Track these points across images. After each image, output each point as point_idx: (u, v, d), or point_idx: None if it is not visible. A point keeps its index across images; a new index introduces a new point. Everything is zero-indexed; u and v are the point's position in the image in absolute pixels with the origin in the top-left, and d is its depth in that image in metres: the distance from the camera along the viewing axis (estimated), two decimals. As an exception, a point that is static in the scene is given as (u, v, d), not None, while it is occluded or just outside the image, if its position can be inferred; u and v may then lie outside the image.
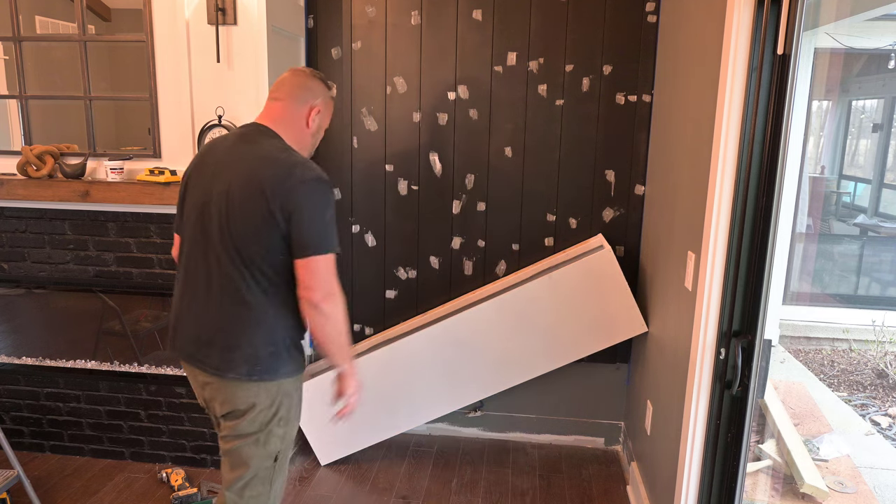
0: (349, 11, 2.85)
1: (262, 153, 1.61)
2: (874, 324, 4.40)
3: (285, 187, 1.54)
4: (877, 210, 5.59)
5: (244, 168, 1.59)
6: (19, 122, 2.71)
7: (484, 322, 2.72)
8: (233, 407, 1.67)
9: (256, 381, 1.65)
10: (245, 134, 1.68)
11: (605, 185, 2.88)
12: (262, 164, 1.58)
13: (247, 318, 1.62)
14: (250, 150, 1.62)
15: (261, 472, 1.71)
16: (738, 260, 1.69)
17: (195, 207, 1.67)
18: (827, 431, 3.28)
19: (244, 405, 1.66)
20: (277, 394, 1.68)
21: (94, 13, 2.66)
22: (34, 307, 2.91)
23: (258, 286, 1.61)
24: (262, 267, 1.60)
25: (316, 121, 1.74)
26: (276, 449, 1.71)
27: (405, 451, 3.06)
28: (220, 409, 1.70)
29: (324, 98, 1.75)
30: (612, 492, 2.76)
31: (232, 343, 1.63)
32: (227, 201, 1.59)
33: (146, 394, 2.81)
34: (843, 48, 4.56)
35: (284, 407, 1.71)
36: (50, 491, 2.67)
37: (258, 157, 1.60)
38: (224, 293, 1.62)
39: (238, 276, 1.60)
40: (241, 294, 1.61)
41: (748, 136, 1.63)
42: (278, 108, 1.70)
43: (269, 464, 1.72)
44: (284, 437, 1.73)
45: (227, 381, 1.65)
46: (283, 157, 1.60)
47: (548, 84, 2.81)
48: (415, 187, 2.96)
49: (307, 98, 1.71)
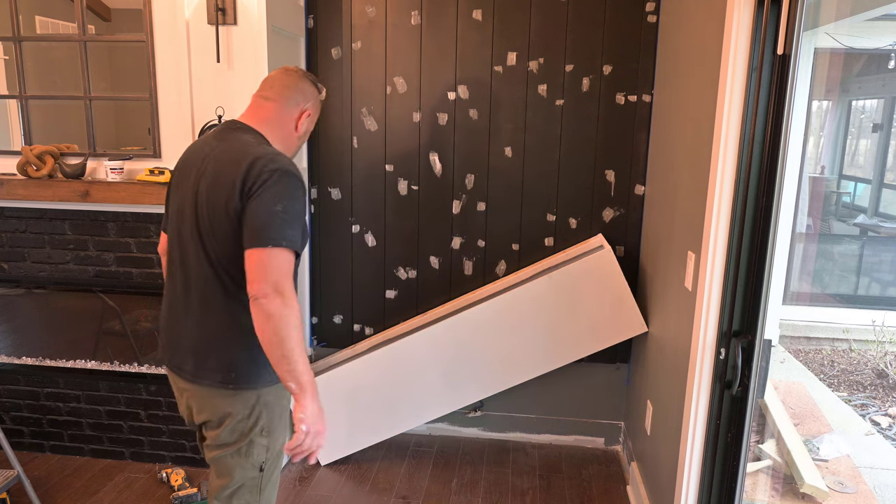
0: (349, 11, 2.85)
1: (232, 151, 1.54)
2: (874, 324, 4.40)
3: (248, 180, 1.47)
4: (877, 210, 5.59)
5: (214, 167, 1.53)
6: (19, 122, 2.71)
7: (484, 322, 2.72)
8: (209, 416, 1.62)
9: (232, 390, 1.58)
10: (220, 132, 1.62)
11: (605, 185, 2.88)
12: (230, 161, 1.51)
13: (222, 324, 1.56)
14: (222, 148, 1.56)
15: (247, 482, 1.64)
16: (738, 260, 1.69)
17: (175, 211, 1.63)
18: (827, 431, 3.28)
19: (220, 414, 1.60)
20: (256, 404, 1.60)
21: (94, 13, 2.66)
22: (34, 307, 2.91)
23: (232, 290, 1.54)
24: (232, 269, 1.53)
25: (305, 124, 1.69)
26: (260, 459, 1.64)
27: (405, 451, 3.06)
28: (197, 417, 1.65)
29: (314, 101, 1.71)
30: (612, 492, 2.76)
31: (206, 349, 1.58)
32: (196, 203, 1.54)
33: (146, 394, 2.81)
34: (843, 48, 4.56)
35: (265, 418, 1.62)
36: (50, 491, 2.67)
37: (228, 155, 1.53)
38: (200, 297, 1.57)
39: (212, 280, 1.54)
40: (216, 298, 1.55)
41: (748, 136, 1.63)
42: (268, 109, 1.65)
43: (255, 474, 1.64)
44: (270, 448, 1.65)
45: (202, 388, 1.60)
46: (250, 150, 1.52)
47: (548, 84, 2.81)
48: (415, 187, 2.96)
49: (299, 101, 1.66)
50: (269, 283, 1.42)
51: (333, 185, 3.01)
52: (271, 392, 1.63)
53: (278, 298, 1.42)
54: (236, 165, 1.49)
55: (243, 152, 1.51)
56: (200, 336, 1.58)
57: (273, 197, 1.46)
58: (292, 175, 1.50)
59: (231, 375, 1.57)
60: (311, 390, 1.46)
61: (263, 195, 1.46)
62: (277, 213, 1.45)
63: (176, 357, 1.64)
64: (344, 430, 2.89)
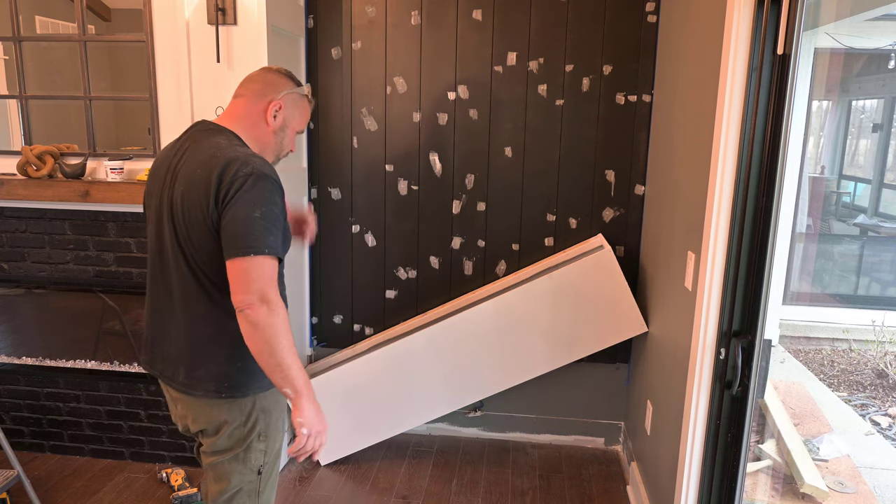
0: (349, 11, 2.85)
1: (203, 154, 1.48)
2: (874, 324, 4.40)
3: (222, 187, 1.41)
4: (877, 210, 5.59)
5: (186, 173, 1.48)
6: (19, 122, 2.71)
7: (484, 322, 2.72)
8: (205, 425, 1.59)
9: (227, 399, 1.55)
10: (191, 134, 1.58)
11: (605, 185, 2.88)
12: (202, 164, 1.46)
13: (208, 333, 1.53)
14: (193, 152, 1.51)
15: (245, 487, 1.63)
16: (738, 260, 1.69)
17: (153, 217, 1.58)
18: (827, 431, 3.28)
19: (216, 423, 1.57)
20: (253, 410, 1.58)
21: (94, 13, 2.66)
22: (34, 307, 2.91)
23: (216, 297, 1.50)
24: (215, 277, 1.48)
25: (278, 118, 1.60)
26: (258, 463, 1.62)
27: (405, 451, 3.06)
28: (192, 427, 1.63)
29: (288, 94, 1.62)
30: (612, 492, 2.76)
31: (196, 361, 1.54)
32: (172, 210, 1.49)
33: (146, 394, 2.81)
34: (843, 48, 4.56)
35: (262, 422, 1.60)
36: (50, 491, 2.67)
37: (199, 159, 1.48)
38: (184, 307, 1.53)
39: (195, 288, 1.50)
40: (201, 306, 1.51)
41: (748, 136, 1.63)
42: (238, 106, 1.60)
43: (253, 478, 1.63)
44: (267, 451, 1.64)
45: (195, 398, 1.57)
46: (222, 153, 1.46)
47: (548, 84, 2.81)
48: (415, 187, 2.96)
49: (266, 92, 1.60)
50: (253, 293, 1.38)
51: (333, 185, 3.01)
52: (267, 397, 1.61)
53: (264, 307, 1.39)
54: (208, 171, 1.43)
55: (214, 156, 1.46)
56: (188, 346, 1.55)
57: (250, 203, 1.40)
58: (268, 178, 1.44)
59: (224, 385, 1.54)
60: (307, 392, 1.46)
61: (239, 202, 1.40)
62: (256, 219, 1.40)
63: (166, 367, 1.61)
64: (344, 430, 2.89)
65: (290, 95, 1.63)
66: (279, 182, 1.48)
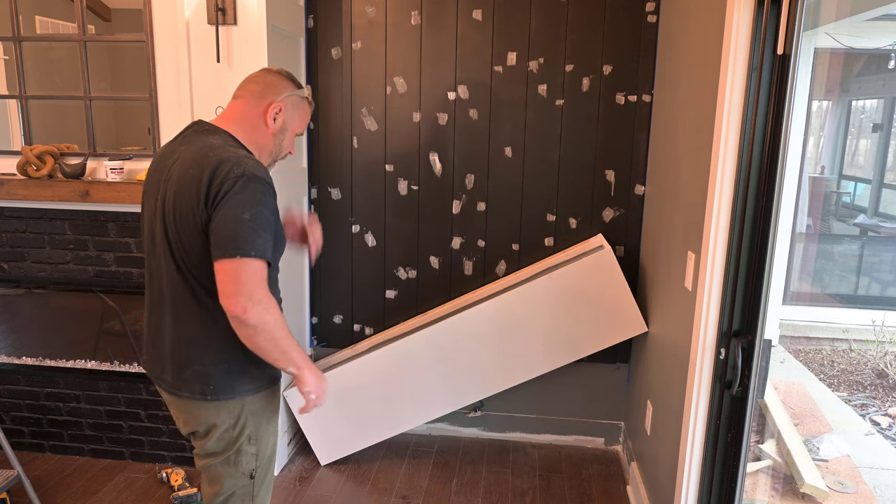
0: (349, 11, 2.85)
1: (195, 154, 1.47)
2: (874, 324, 4.40)
3: (212, 188, 1.40)
4: (877, 210, 5.59)
5: (178, 173, 1.47)
6: (19, 122, 2.71)
7: (484, 322, 2.72)
8: (195, 427, 1.60)
9: (213, 401, 1.55)
10: (186, 135, 1.57)
11: (605, 185, 2.88)
12: (194, 164, 1.44)
13: (195, 335, 1.53)
14: (186, 152, 1.50)
15: (238, 490, 1.63)
16: (738, 260, 1.69)
17: (147, 218, 1.58)
18: (827, 431, 3.28)
19: (204, 425, 1.58)
20: (241, 413, 1.58)
21: (94, 13, 2.66)
22: (34, 307, 2.91)
23: (204, 299, 1.50)
24: (203, 279, 1.48)
25: (278, 120, 1.60)
26: (249, 467, 1.62)
27: (405, 451, 3.06)
28: (184, 429, 1.64)
29: (288, 96, 1.61)
30: (612, 492, 2.76)
31: (182, 361, 1.54)
32: (164, 211, 1.49)
33: (146, 394, 2.81)
34: (843, 48, 4.56)
35: (251, 426, 1.60)
36: (50, 491, 2.67)
37: (191, 159, 1.46)
38: (173, 308, 1.53)
39: (184, 289, 1.50)
40: (189, 308, 1.51)
41: (748, 136, 1.63)
42: (236, 107, 1.60)
43: (245, 482, 1.63)
44: (259, 455, 1.63)
45: (183, 400, 1.57)
46: (214, 153, 1.45)
47: (548, 84, 2.81)
48: (415, 187, 2.96)
49: (266, 94, 1.59)
50: (244, 296, 1.38)
51: (333, 185, 3.01)
52: (256, 401, 1.60)
53: (258, 307, 1.39)
54: (199, 172, 1.42)
55: (206, 156, 1.44)
56: (177, 347, 1.55)
57: (239, 204, 1.39)
58: (260, 180, 1.43)
59: (210, 387, 1.54)
60: (307, 365, 1.53)
61: (229, 203, 1.39)
62: (245, 221, 1.38)
63: (157, 368, 1.61)
64: (344, 430, 2.89)
65: (291, 98, 1.63)
66: (272, 184, 1.47)
